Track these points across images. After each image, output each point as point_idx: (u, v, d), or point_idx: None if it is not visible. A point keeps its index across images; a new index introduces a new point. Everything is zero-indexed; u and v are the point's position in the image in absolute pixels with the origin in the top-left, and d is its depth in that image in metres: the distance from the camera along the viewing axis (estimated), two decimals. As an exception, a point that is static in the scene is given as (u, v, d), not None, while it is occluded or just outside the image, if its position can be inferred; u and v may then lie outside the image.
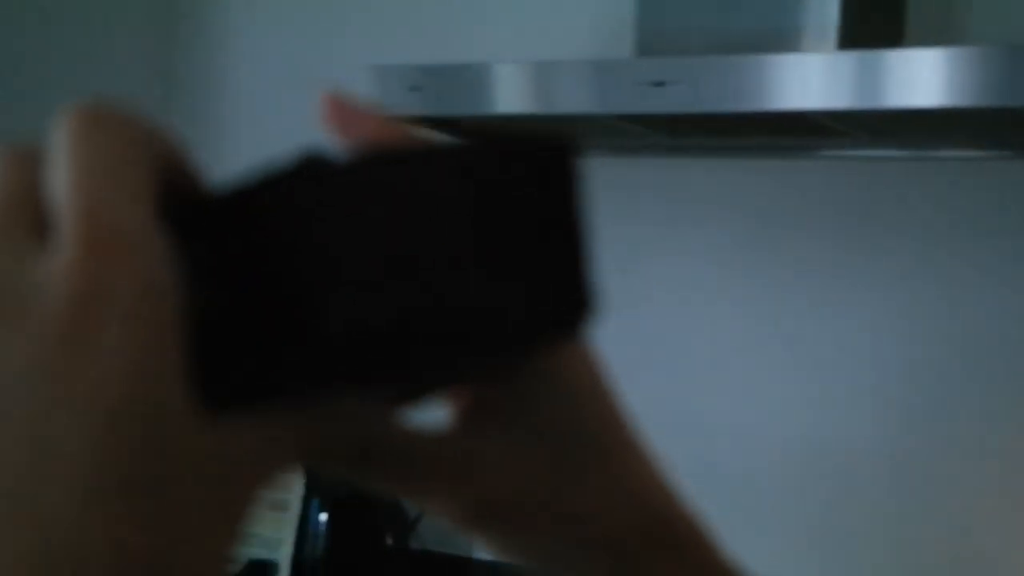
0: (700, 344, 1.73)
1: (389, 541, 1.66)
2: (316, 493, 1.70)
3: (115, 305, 0.28)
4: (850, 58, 1.26)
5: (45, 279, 0.29)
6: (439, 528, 1.41)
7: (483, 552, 1.65)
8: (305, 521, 1.73)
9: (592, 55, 1.68)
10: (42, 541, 0.28)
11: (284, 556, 1.76)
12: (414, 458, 0.39)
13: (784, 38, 1.46)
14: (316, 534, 1.73)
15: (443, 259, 0.31)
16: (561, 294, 0.34)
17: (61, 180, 0.30)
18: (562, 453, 0.41)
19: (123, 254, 0.29)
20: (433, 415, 0.41)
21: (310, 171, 0.32)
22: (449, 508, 0.40)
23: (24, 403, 0.28)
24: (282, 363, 0.30)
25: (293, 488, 1.72)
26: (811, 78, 1.28)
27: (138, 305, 0.29)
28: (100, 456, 0.29)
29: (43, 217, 0.30)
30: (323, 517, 1.70)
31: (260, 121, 1.99)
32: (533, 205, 0.33)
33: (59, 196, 0.30)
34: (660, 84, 1.40)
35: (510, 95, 1.51)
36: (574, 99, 1.48)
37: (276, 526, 1.77)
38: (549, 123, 1.55)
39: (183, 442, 0.30)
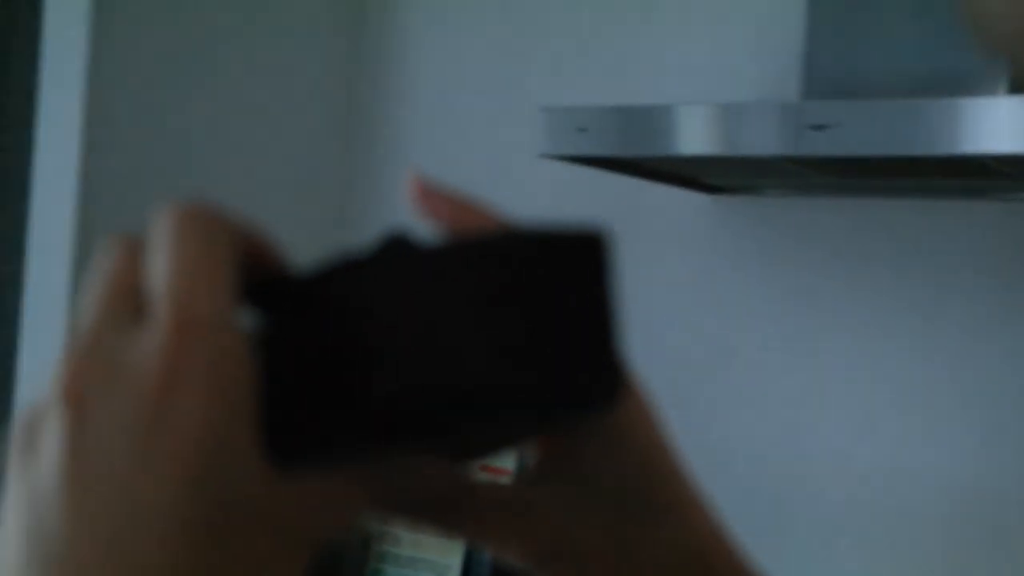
0: (861, 381, 1.72)
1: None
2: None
3: (194, 382, 0.33)
4: None
5: (140, 356, 0.34)
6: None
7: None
8: (472, 548, 1.78)
9: (758, 97, 1.69)
10: None
11: (452, 581, 1.81)
12: (481, 511, 0.43)
13: (951, 81, 1.45)
14: (481, 561, 1.77)
15: (481, 340, 0.35)
16: (591, 372, 0.38)
17: (157, 271, 0.35)
18: (623, 507, 0.44)
19: (203, 339, 0.34)
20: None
21: (378, 257, 0.37)
22: (512, 554, 0.44)
23: (120, 461, 0.33)
24: (335, 427, 0.35)
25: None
26: (996, 122, 1.28)
27: (214, 381, 0.34)
28: (183, 509, 0.33)
29: (142, 298, 0.35)
30: (489, 545, 1.75)
31: (440, 159, 2.06)
32: (571, 290, 0.37)
33: (154, 284, 0.35)
34: (820, 128, 1.41)
35: (679, 136, 1.54)
36: (747, 141, 1.50)
37: (444, 552, 1.82)
38: (723, 162, 1.57)
39: (255, 496, 0.35)
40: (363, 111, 2.16)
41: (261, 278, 0.37)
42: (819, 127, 1.38)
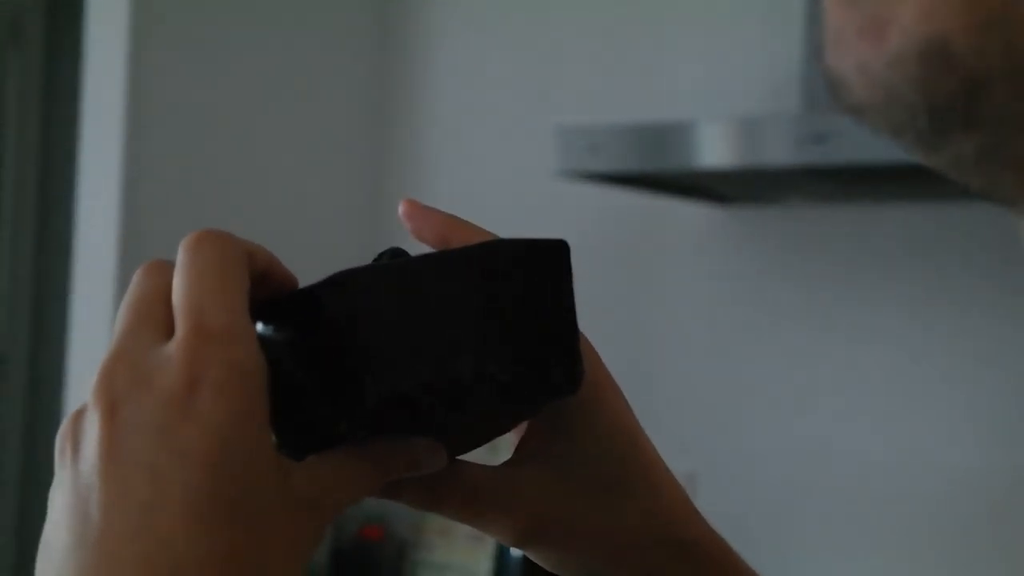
0: (873, 379, 1.77)
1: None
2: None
3: (210, 381, 0.40)
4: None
5: (165, 361, 0.41)
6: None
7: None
8: (501, 552, 1.85)
9: (757, 110, 1.75)
10: (159, 551, 0.39)
11: (483, 585, 1.88)
12: (470, 490, 0.49)
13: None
14: (511, 565, 1.83)
15: (457, 340, 0.42)
16: (554, 360, 0.44)
17: (177, 288, 0.42)
18: (599, 481, 0.50)
19: (216, 345, 0.40)
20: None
21: (372, 269, 0.43)
22: (499, 531, 0.50)
23: (148, 450, 0.40)
24: (334, 418, 0.42)
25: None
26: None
27: (228, 382, 0.40)
28: (204, 488, 0.40)
29: (170, 313, 0.42)
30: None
31: (460, 180, 2.13)
32: (534, 290, 0.44)
33: (176, 299, 0.42)
34: (822, 138, 1.46)
35: (691, 150, 1.60)
36: (762, 153, 1.57)
37: (474, 557, 1.89)
38: (736, 176, 1.63)
39: (268, 477, 0.41)
40: (388, 138, 2.23)
41: (270, 292, 0.44)
42: (820, 137, 1.44)
